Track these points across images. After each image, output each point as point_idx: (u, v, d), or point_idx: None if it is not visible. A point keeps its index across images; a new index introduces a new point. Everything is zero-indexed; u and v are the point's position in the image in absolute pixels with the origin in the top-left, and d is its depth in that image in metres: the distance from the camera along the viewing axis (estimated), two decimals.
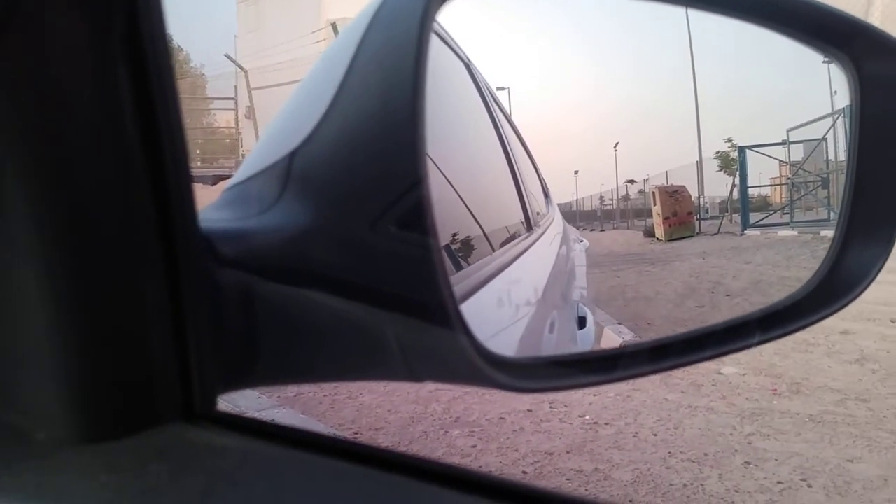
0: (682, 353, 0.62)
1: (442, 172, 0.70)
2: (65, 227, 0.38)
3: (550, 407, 4.24)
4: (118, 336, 0.40)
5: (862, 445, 3.66)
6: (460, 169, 0.95)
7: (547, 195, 2.26)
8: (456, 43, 1.12)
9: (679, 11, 0.82)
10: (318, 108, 0.48)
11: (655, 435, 3.81)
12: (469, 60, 1.27)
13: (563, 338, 1.21)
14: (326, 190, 0.47)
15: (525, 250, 1.24)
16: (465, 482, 0.34)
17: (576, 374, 0.59)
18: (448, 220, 0.72)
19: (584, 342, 1.46)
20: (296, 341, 0.46)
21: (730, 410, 4.13)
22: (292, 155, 0.48)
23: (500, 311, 0.82)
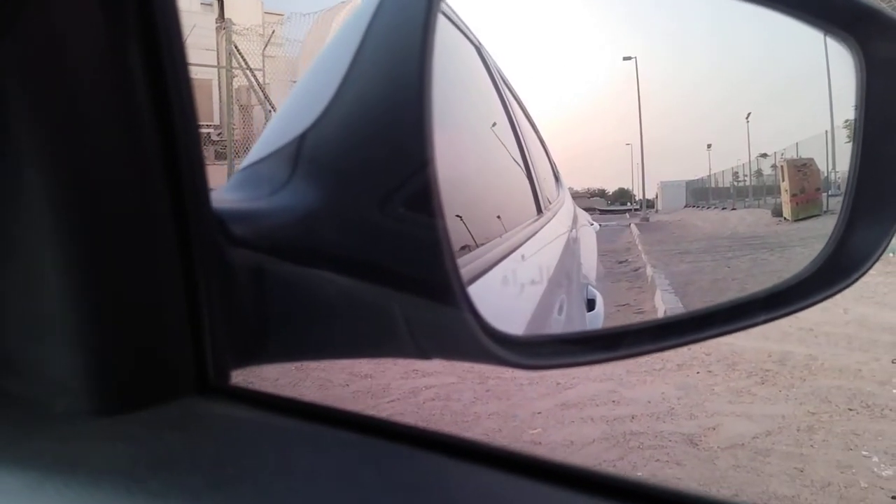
0: (686, 331, 0.62)
1: (451, 155, 0.71)
2: (80, 206, 0.39)
3: None
4: (134, 312, 0.41)
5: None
6: (469, 152, 0.95)
7: (557, 178, 2.25)
8: (466, 25, 1.11)
9: None
10: (327, 92, 0.48)
11: None
12: (480, 43, 1.26)
13: (573, 319, 1.21)
14: (335, 171, 0.47)
15: (535, 233, 1.24)
16: (472, 452, 0.35)
17: (580, 352, 0.59)
18: (457, 201, 0.73)
19: (593, 324, 1.46)
20: (306, 319, 0.47)
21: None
22: (302, 137, 0.49)
23: (508, 292, 0.82)
